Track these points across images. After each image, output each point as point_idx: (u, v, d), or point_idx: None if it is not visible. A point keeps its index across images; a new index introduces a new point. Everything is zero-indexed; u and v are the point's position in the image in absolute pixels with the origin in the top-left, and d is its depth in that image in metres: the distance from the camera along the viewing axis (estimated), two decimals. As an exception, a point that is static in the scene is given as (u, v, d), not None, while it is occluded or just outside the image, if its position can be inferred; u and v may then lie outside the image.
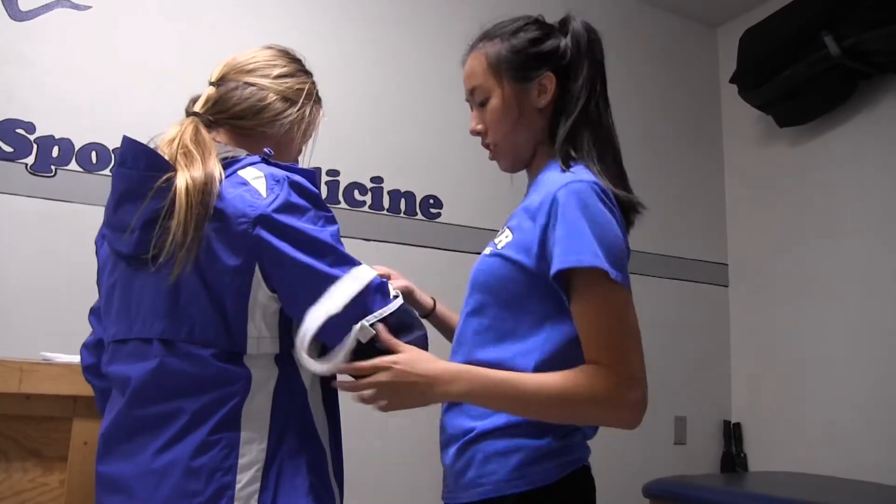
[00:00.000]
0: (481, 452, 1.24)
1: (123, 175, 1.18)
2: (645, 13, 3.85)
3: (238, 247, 1.13)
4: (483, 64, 1.36)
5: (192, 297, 1.15)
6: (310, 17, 2.94)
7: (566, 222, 1.18)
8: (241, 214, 1.13)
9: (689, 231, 3.71)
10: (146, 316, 1.18)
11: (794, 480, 2.83)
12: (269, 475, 1.15)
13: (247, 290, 1.15)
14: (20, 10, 2.42)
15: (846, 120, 3.30)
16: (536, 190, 1.31)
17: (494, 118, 1.36)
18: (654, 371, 2.89)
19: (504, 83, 1.34)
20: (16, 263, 2.28)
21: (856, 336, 3.12)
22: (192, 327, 1.15)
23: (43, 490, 1.51)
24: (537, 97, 1.35)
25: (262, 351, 1.18)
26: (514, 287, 1.26)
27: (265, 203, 1.13)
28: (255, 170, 1.20)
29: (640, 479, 2.76)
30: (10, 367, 1.48)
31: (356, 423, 1.63)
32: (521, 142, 1.38)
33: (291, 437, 1.19)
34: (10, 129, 2.35)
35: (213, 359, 1.14)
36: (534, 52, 1.35)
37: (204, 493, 1.10)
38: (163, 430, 1.13)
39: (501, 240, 1.30)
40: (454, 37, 3.21)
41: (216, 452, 1.12)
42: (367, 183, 2.93)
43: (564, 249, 1.16)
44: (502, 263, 1.27)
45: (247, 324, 1.16)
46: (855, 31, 2.96)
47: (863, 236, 3.16)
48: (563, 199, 1.19)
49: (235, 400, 1.15)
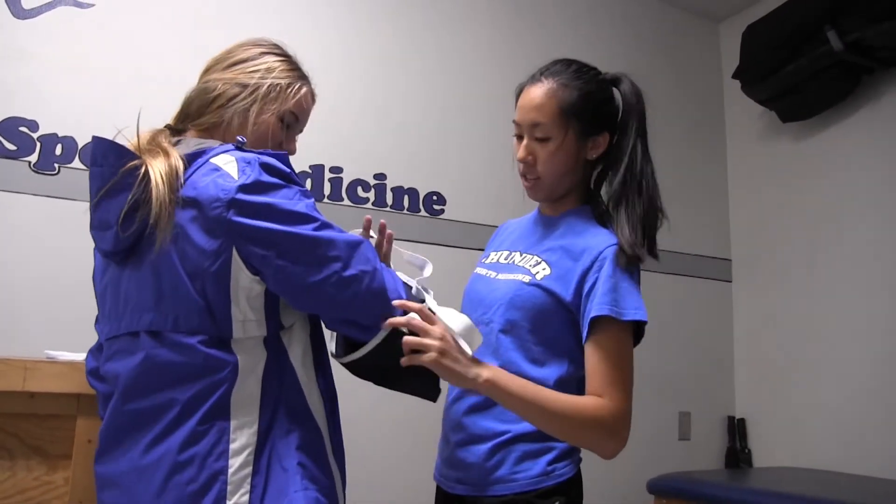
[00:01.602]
0: (516, 452, 1.38)
1: (96, 174, 1.20)
2: (647, 8, 3.84)
3: (214, 230, 1.14)
4: (555, 106, 1.43)
5: (175, 287, 1.16)
6: (312, 14, 2.93)
7: (612, 279, 1.35)
8: (214, 199, 1.14)
9: (693, 227, 3.70)
10: (133, 310, 1.20)
11: (798, 476, 2.83)
12: (260, 458, 1.16)
13: (227, 273, 1.16)
14: (23, 7, 2.42)
15: (849, 115, 3.29)
16: (574, 235, 1.45)
17: (549, 159, 1.45)
18: (658, 367, 2.88)
19: (569, 132, 1.44)
20: (19, 262, 2.28)
21: (860, 330, 3.11)
22: (178, 316, 1.16)
23: (47, 488, 1.51)
24: (590, 150, 1.48)
25: (249, 334, 1.19)
26: (548, 316, 1.40)
27: (237, 184, 1.15)
28: (227, 156, 1.21)
29: (645, 475, 2.76)
30: (15, 365, 1.48)
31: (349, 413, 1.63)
32: (563, 184, 1.49)
33: (283, 419, 1.20)
34: (14, 127, 2.35)
35: (200, 346, 1.15)
36: (602, 112, 1.47)
37: (197, 479, 1.11)
38: (154, 424, 1.14)
39: (538, 271, 1.43)
40: (459, 34, 3.23)
41: (207, 440, 1.13)
42: (371, 180, 2.93)
43: (609, 300, 1.33)
44: (542, 294, 1.40)
45: (230, 308, 1.17)
46: (858, 26, 2.95)
47: (867, 231, 3.15)
48: (610, 257, 1.36)
49: (224, 387, 1.16)
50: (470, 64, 3.24)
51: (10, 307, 2.26)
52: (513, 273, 1.47)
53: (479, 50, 3.25)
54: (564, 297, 1.38)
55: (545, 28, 3.47)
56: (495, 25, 3.35)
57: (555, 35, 3.48)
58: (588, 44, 3.57)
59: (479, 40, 3.28)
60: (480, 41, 3.28)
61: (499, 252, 1.59)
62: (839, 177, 3.31)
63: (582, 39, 3.57)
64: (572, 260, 1.40)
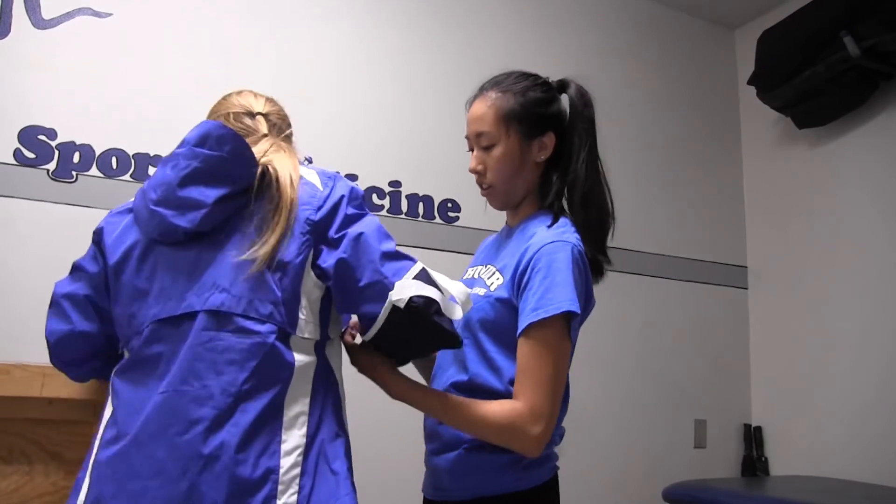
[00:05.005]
0: (487, 457, 1.39)
1: (199, 155, 1.25)
2: (663, 15, 3.84)
3: (300, 231, 1.25)
4: (494, 114, 1.51)
5: (256, 274, 1.21)
6: (326, 23, 2.95)
7: (539, 278, 1.35)
8: (303, 203, 1.28)
9: (709, 234, 3.69)
10: (200, 289, 1.21)
11: (816, 485, 2.81)
12: (308, 460, 1.18)
13: (301, 272, 1.24)
14: (43, 18, 2.44)
15: (866, 121, 3.27)
16: (524, 239, 1.46)
17: (496, 164, 1.51)
18: (673, 374, 2.87)
19: (510, 136, 1.49)
20: (38, 268, 2.30)
21: (877, 338, 3.09)
22: (252, 301, 1.20)
23: (65, 494, 1.52)
24: (537, 152, 1.51)
25: (308, 335, 1.24)
26: (505, 324, 1.41)
27: (323, 194, 1.30)
28: (306, 169, 1.37)
29: (660, 483, 2.74)
30: (33, 371, 1.50)
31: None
32: (515, 189, 1.53)
33: (329, 423, 1.24)
34: (33, 136, 2.37)
35: (267, 335, 1.19)
36: (541, 113, 1.51)
37: (252, 476, 1.12)
38: (206, 410, 1.13)
39: (493, 282, 1.47)
40: (472, 42, 3.23)
41: (261, 437, 1.14)
42: (386, 187, 2.94)
43: (535, 304, 1.34)
44: (497, 304, 1.43)
45: (299, 305, 1.23)
46: (875, 31, 2.94)
47: (885, 237, 3.13)
48: (544, 255, 1.37)
49: (280, 385, 1.18)
50: (486, 70, 3.23)
51: (29, 313, 2.27)
52: (475, 287, 1.50)
53: (496, 57, 3.25)
54: (514, 301, 1.40)
55: (561, 36, 3.47)
56: (513, 33, 3.36)
57: (570, 43, 3.48)
58: (603, 52, 3.58)
59: (497, 47, 3.28)
60: (498, 48, 3.28)
61: (473, 268, 1.63)
62: (856, 183, 3.29)
63: (597, 48, 3.57)
64: (517, 263, 1.42)
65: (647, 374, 3.37)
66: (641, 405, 3.33)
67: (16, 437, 1.51)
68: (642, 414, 3.33)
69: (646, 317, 3.42)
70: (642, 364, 3.36)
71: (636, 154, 3.54)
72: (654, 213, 3.51)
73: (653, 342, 3.43)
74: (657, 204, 3.53)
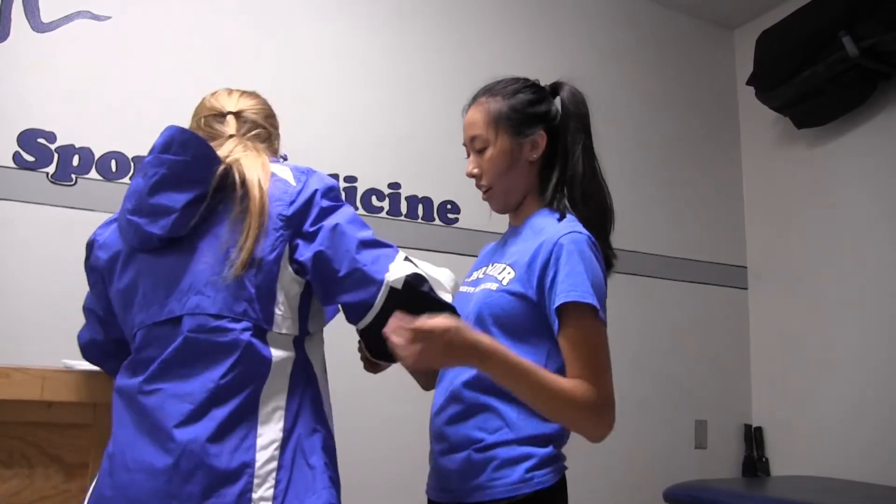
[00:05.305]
0: (494, 459, 1.38)
1: (165, 161, 1.26)
2: (661, 16, 3.84)
3: (273, 227, 1.25)
4: (484, 117, 1.54)
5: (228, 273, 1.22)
6: (325, 24, 2.95)
7: (567, 266, 1.37)
8: (275, 199, 1.27)
9: (708, 234, 3.70)
10: (179, 294, 1.23)
11: (817, 485, 2.81)
12: (285, 454, 1.19)
13: (277, 269, 1.24)
14: (42, 21, 2.45)
15: (865, 121, 3.27)
16: (534, 234, 1.48)
17: (490, 165, 1.54)
18: (673, 375, 2.87)
19: (501, 136, 1.52)
20: (37, 271, 2.30)
21: (877, 338, 3.09)
22: (227, 300, 1.21)
23: (66, 497, 1.52)
24: (530, 151, 1.53)
25: (285, 331, 1.25)
26: (522, 320, 1.42)
27: (296, 189, 1.30)
28: (279, 166, 1.36)
29: (661, 484, 2.74)
30: (33, 374, 1.49)
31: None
32: (512, 188, 1.56)
33: (307, 418, 1.24)
34: (32, 139, 2.37)
35: (242, 333, 1.20)
36: (530, 112, 1.54)
37: (227, 468, 1.13)
38: (184, 406, 1.16)
39: (504, 276, 1.46)
40: (471, 42, 3.23)
41: (237, 432, 1.16)
42: (385, 189, 2.94)
43: (568, 287, 1.35)
44: (510, 297, 1.43)
45: (275, 302, 1.24)
46: (873, 31, 2.94)
47: (884, 237, 3.13)
48: (565, 245, 1.38)
49: (257, 381, 1.20)
50: (485, 73, 3.23)
51: (28, 316, 2.28)
52: (484, 283, 1.51)
53: (495, 58, 3.25)
54: (530, 295, 1.41)
55: (559, 37, 3.48)
56: (511, 35, 3.36)
57: (569, 44, 3.49)
58: (602, 53, 3.58)
59: (495, 48, 3.29)
60: (496, 49, 3.28)
61: (479, 269, 1.63)
62: (855, 183, 3.29)
63: (597, 50, 3.57)
64: (532, 257, 1.43)
65: (647, 375, 3.37)
66: (642, 406, 3.33)
67: (16, 441, 1.50)
68: (642, 414, 3.33)
69: (646, 317, 3.42)
70: (642, 365, 3.36)
71: (635, 154, 3.54)
72: (654, 214, 3.51)
73: (653, 343, 3.43)
74: (657, 204, 3.54)
